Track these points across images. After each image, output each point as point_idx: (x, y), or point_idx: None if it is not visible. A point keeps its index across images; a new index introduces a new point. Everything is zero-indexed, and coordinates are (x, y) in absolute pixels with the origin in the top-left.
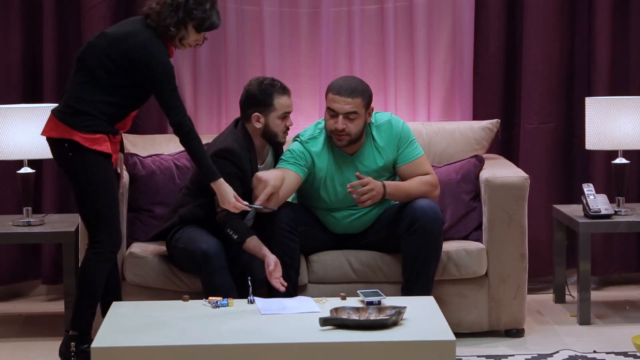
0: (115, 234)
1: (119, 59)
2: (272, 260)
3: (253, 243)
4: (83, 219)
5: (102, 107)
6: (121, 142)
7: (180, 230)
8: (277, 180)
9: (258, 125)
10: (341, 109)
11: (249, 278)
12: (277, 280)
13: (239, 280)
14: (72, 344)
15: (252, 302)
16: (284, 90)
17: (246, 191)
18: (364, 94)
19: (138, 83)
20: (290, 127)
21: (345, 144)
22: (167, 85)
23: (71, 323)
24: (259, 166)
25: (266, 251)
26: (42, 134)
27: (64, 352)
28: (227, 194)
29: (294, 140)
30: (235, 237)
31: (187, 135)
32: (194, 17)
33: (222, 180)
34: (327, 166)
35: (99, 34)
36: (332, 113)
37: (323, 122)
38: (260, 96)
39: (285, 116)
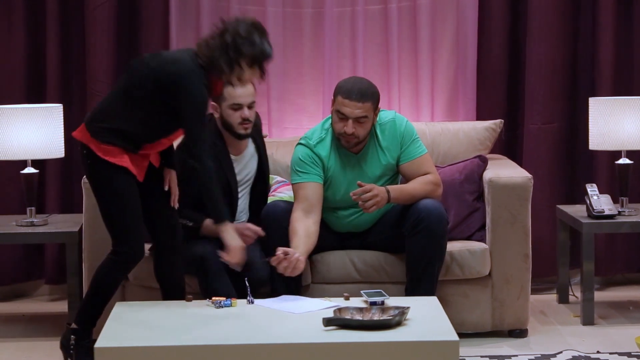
0: (137, 248)
1: (160, 78)
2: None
3: (209, 225)
4: (108, 228)
5: (125, 124)
6: (169, 157)
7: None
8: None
9: (217, 115)
10: (351, 113)
11: (246, 278)
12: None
13: (237, 280)
14: (73, 337)
15: (251, 302)
16: None
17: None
18: (373, 97)
19: (168, 107)
20: (246, 119)
21: (352, 145)
22: (194, 117)
23: (76, 317)
24: (234, 157)
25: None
26: (72, 133)
27: (64, 344)
28: (233, 240)
29: (300, 144)
30: (190, 224)
31: (199, 168)
32: (245, 53)
33: (229, 225)
34: (334, 167)
35: (154, 53)
36: (341, 116)
37: (329, 122)
38: None
39: (236, 107)
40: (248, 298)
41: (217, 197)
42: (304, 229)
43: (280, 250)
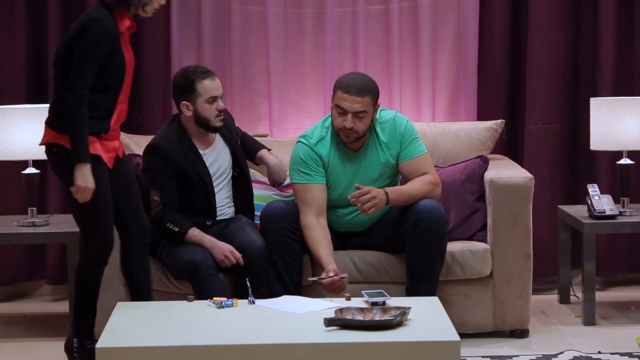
0: (109, 237)
1: (71, 40)
2: (226, 249)
3: (194, 233)
4: (77, 222)
5: None
6: None
7: (165, 244)
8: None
9: (188, 114)
10: (350, 107)
11: (247, 279)
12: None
13: (236, 281)
14: (75, 340)
15: (252, 302)
16: (206, 74)
17: (181, 182)
18: (372, 92)
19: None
20: (222, 110)
21: (352, 140)
22: (82, 58)
23: (72, 321)
24: (203, 151)
25: (210, 238)
26: (39, 144)
27: (68, 347)
28: (83, 180)
29: (300, 142)
30: (176, 229)
31: (69, 98)
32: None
33: (85, 165)
34: (334, 165)
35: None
36: (340, 111)
37: (329, 120)
38: (184, 84)
39: (212, 100)
40: (249, 298)
41: (80, 135)
42: (324, 236)
43: (332, 272)
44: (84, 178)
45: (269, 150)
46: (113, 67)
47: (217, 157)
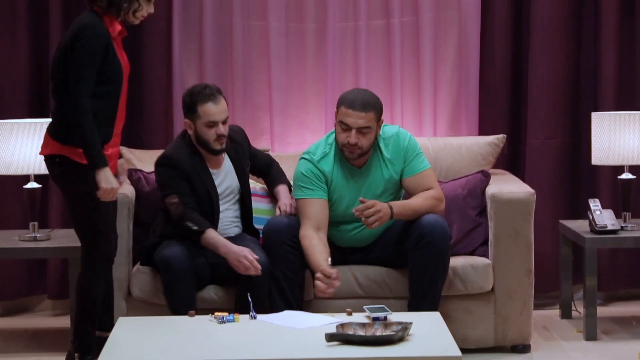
0: (109, 247)
1: (66, 48)
2: (244, 251)
3: (211, 235)
4: (78, 233)
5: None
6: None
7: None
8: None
9: (190, 132)
10: (354, 123)
11: (249, 294)
12: (253, 269)
13: (240, 295)
14: (76, 355)
15: (253, 317)
16: (210, 97)
17: (195, 192)
18: (376, 107)
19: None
20: (221, 135)
21: (356, 157)
22: (79, 63)
23: (73, 335)
24: (213, 170)
25: (225, 242)
26: (40, 153)
27: None
28: (106, 182)
29: (304, 159)
30: (195, 227)
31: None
32: None
33: (105, 169)
34: (337, 181)
35: None
36: (344, 127)
37: (333, 136)
38: (188, 102)
39: (211, 124)
40: (250, 313)
41: (92, 141)
42: (320, 244)
43: (319, 273)
44: (107, 180)
45: (290, 187)
46: (110, 73)
47: (225, 178)
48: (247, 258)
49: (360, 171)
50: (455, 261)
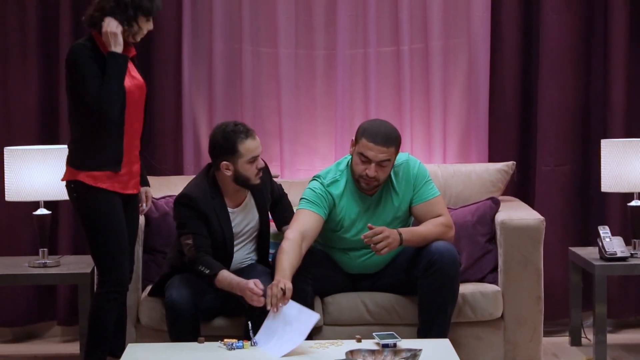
0: (123, 273)
1: (67, 77)
2: (249, 283)
3: (224, 275)
4: (94, 259)
5: (90, 133)
6: (143, 176)
7: (170, 280)
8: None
9: (228, 173)
10: (375, 157)
11: (249, 322)
12: (261, 299)
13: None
14: None
15: (254, 344)
16: (247, 134)
17: (211, 233)
18: (396, 141)
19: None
20: (261, 168)
21: (372, 188)
22: (82, 88)
23: None
24: (232, 209)
25: (239, 280)
26: (61, 180)
27: None
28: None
29: (315, 179)
30: (207, 272)
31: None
32: (143, 8)
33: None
34: (347, 208)
35: None
36: (364, 159)
37: (344, 164)
38: (225, 144)
39: (253, 160)
40: (252, 340)
41: (117, 71)
42: (294, 252)
43: (275, 281)
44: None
45: None
46: None
47: (245, 217)
48: (253, 291)
49: (370, 199)
50: (465, 288)
